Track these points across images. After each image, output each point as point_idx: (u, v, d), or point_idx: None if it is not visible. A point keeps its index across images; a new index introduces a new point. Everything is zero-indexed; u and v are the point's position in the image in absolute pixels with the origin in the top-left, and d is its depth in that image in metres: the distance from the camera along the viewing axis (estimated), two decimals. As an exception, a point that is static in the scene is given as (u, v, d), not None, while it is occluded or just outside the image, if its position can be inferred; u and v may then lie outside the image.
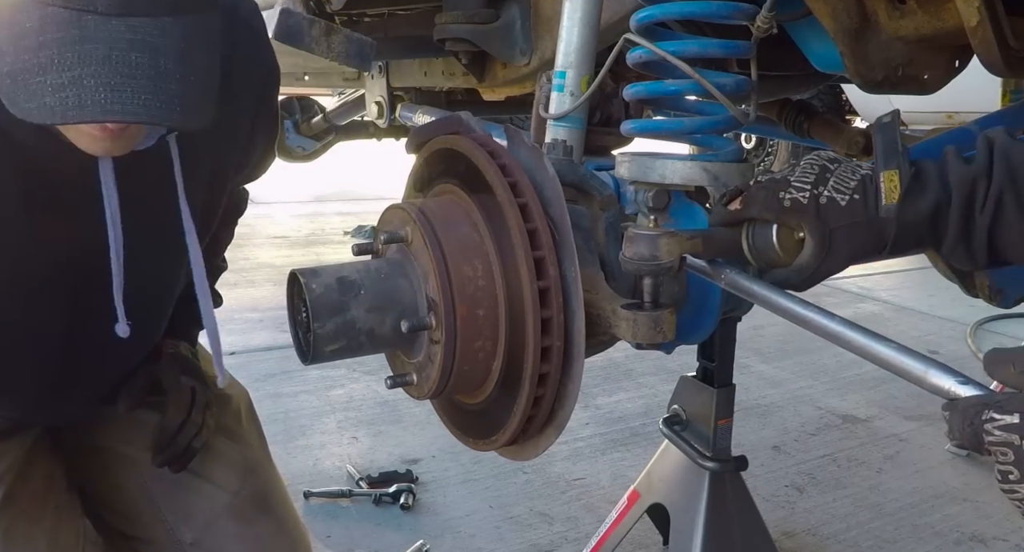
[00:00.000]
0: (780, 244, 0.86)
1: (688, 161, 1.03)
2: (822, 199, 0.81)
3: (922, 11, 0.97)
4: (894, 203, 0.79)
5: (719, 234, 0.90)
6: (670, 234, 0.85)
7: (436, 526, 2.22)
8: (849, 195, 0.81)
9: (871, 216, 0.80)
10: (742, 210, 0.87)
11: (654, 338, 0.84)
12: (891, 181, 0.79)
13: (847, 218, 0.80)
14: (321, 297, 0.87)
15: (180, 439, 1.21)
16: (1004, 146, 0.77)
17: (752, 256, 0.89)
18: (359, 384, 3.18)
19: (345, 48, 1.71)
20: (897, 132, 0.82)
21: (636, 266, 0.85)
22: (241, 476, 1.28)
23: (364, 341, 0.89)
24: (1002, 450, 0.57)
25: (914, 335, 4.05)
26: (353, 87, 3.51)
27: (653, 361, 3.44)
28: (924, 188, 0.79)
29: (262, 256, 5.34)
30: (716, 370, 1.63)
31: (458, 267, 0.86)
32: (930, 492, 2.50)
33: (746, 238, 0.88)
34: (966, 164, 0.78)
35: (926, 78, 1.08)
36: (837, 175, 0.82)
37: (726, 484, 1.62)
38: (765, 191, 0.85)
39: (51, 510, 1.15)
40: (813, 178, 0.82)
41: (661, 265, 0.84)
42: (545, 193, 0.88)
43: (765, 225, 0.87)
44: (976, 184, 0.77)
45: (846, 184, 0.82)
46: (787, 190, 0.83)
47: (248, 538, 1.26)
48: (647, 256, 0.84)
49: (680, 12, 0.99)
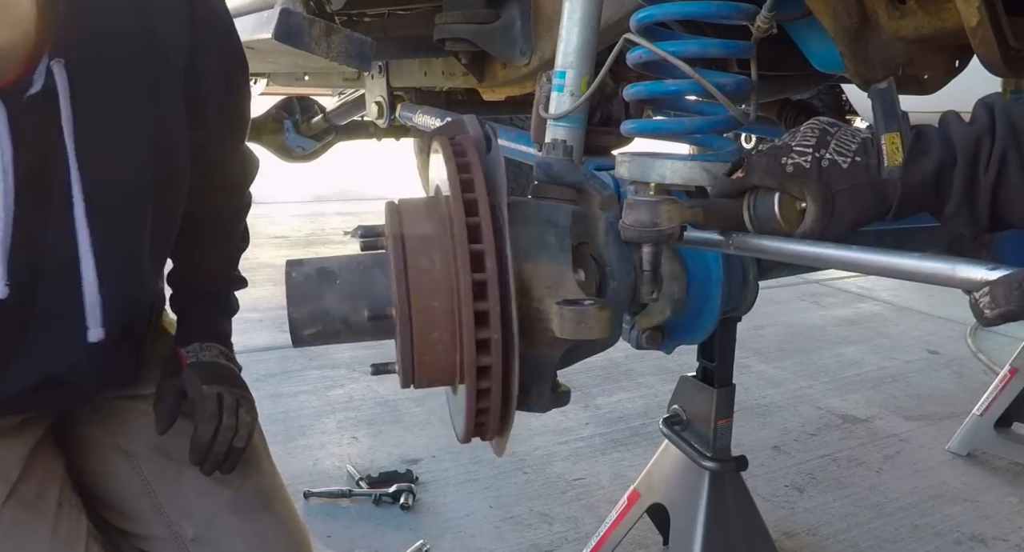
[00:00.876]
0: (782, 213, 0.85)
1: (688, 161, 1.03)
2: (824, 162, 0.80)
3: (922, 11, 0.97)
4: (897, 165, 0.78)
5: (721, 204, 0.89)
6: (671, 201, 0.84)
7: (436, 526, 2.22)
8: (851, 157, 0.80)
9: (874, 178, 0.79)
10: (744, 178, 0.87)
11: (579, 333, 0.83)
12: (892, 143, 0.79)
13: (849, 180, 0.80)
14: (299, 284, 0.94)
15: (217, 447, 1.22)
16: (1004, 107, 0.77)
17: (754, 227, 0.88)
18: (359, 384, 3.18)
19: (345, 48, 1.71)
20: (895, 97, 0.81)
21: (636, 233, 0.84)
22: (242, 473, 1.28)
23: (340, 328, 0.94)
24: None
25: (914, 335, 4.05)
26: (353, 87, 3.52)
27: (653, 361, 3.44)
28: (927, 149, 0.78)
29: (262, 256, 5.34)
30: (716, 370, 1.63)
31: (416, 259, 0.88)
32: (930, 492, 2.50)
33: (747, 208, 0.88)
34: (968, 125, 0.78)
35: (926, 78, 1.08)
36: (838, 138, 0.82)
37: (726, 484, 1.62)
38: (767, 157, 0.84)
39: (54, 507, 1.16)
40: (814, 141, 0.82)
41: (662, 232, 0.83)
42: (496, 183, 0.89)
43: (767, 194, 0.86)
44: (980, 143, 0.76)
45: (847, 147, 0.81)
46: (789, 155, 0.82)
47: (250, 534, 1.26)
48: (647, 223, 0.83)
49: (680, 12, 0.99)
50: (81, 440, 1.30)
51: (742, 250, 0.88)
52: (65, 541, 1.14)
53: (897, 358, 3.70)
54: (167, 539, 1.26)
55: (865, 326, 4.20)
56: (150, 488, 1.27)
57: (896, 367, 3.56)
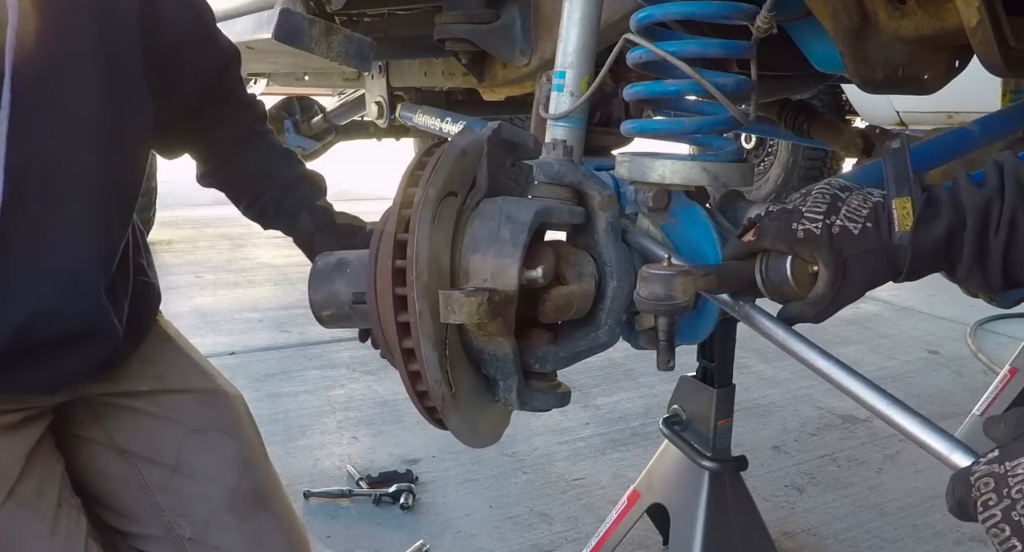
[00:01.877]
0: (794, 277, 0.86)
1: (688, 161, 1.03)
2: (835, 228, 0.81)
3: (922, 11, 0.97)
4: (907, 230, 0.79)
5: (733, 269, 0.90)
6: (684, 273, 0.85)
7: (436, 526, 2.22)
8: (862, 223, 0.81)
9: (885, 243, 0.80)
10: (755, 242, 0.88)
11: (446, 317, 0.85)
12: (903, 208, 0.80)
13: (860, 246, 0.81)
14: (319, 271, 1.08)
15: None
16: (1013, 167, 0.78)
17: (766, 290, 0.89)
18: (359, 384, 3.18)
19: (345, 48, 1.71)
20: (908, 159, 0.82)
21: (652, 306, 0.85)
22: (239, 472, 1.28)
23: (349, 312, 1.05)
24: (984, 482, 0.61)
25: (914, 335, 4.05)
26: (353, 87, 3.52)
27: (653, 361, 3.43)
28: (937, 213, 0.79)
29: (262, 256, 5.34)
30: (716, 370, 1.63)
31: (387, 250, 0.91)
32: (930, 492, 2.49)
33: (760, 271, 0.89)
34: (978, 188, 0.79)
35: (926, 78, 1.08)
36: (849, 204, 0.83)
37: (726, 484, 1.62)
38: (777, 222, 0.85)
39: (53, 507, 1.16)
40: (825, 207, 0.83)
41: (677, 305, 0.84)
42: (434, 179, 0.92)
43: (779, 258, 0.87)
44: (990, 206, 0.77)
45: (858, 213, 0.82)
46: (800, 221, 0.83)
47: (247, 533, 1.26)
48: (662, 296, 0.84)
49: (680, 12, 0.99)
50: (79, 440, 1.30)
51: (747, 322, 0.90)
52: (64, 541, 1.14)
53: (897, 358, 3.70)
54: (165, 538, 1.26)
55: (865, 326, 4.20)
56: (147, 488, 1.27)
57: (896, 367, 3.56)
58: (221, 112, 1.38)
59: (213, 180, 1.44)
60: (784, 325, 0.87)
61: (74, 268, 1.10)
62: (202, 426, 1.29)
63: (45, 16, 1.02)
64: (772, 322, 0.87)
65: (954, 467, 0.67)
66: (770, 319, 0.88)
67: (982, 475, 0.60)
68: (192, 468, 1.25)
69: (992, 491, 0.59)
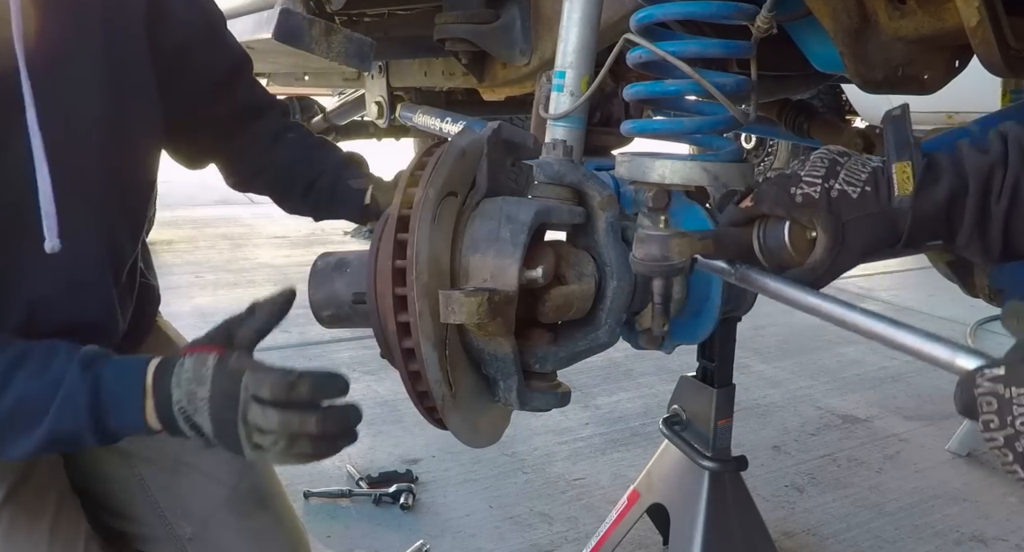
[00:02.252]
0: (792, 243, 0.84)
1: (688, 161, 1.03)
2: (833, 192, 0.80)
3: (922, 11, 0.97)
4: (907, 194, 0.78)
5: (731, 234, 0.89)
6: (681, 235, 0.84)
7: (436, 526, 2.22)
8: (861, 187, 0.80)
9: (884, 208, 0.79)
10: (753, 207, 0.86)
11: (446, 317, 0.85)
12: (903, 172, 0.78)
13: (859, 210, 0.79)
14: (319, 271, 1.06)
15: None
16: (1018, 136, 0.77)
17: (764, 256, 0.88)
18: (359, 384, 3.18)
19: (345, 48, 1.71)
20: (908, 125, 0.81)
21: (647, 267, 0.85)
22: (238, 471, 1.28)
23: (350, 313, 1.03)
24: (988, 399, 0.59)
25: (914, 335, 4.05)
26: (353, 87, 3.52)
27: (653, 361, 3.44)
28: (938, 178, 0.78)
29: (262, 256, 5.34)
30: (716, 370, 1.63)
31: (387, 250, 0.91)
32: (930, 492, 2.50)
33: (757, 238, 0.88)
34: (981, 153, 0.77)
35: (926, 78, 1.08)
36: (848, 168, 0.81)
37: (726, 484, 1.62)
38: (775, 187, 0.84)
39: (52, 507, 1.16)
40: (823, 172, 0.82)
41: (673, 266, 0.84)
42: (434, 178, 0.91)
43: (776, 224, 0.86)
44: (993, 172, 0.76)
45: (857, 176, 0.81)
46: (798, 185, 0.82)
47: (247, 532, 1.26)
48: (658, 257, 0.84)
49: (680, 12, 0.99)
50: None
51: (745, 283, 0.88)
52: (64, 542, 1.14)
53: (897, 358, 3.70)
54: (165, 539, 1.26)
55: (865, 326, 4.20)
56: (147, 488, 1.27)
57: (896, 367, 3.56)
58: (242, 117, 1.35)
59: (251, 185, 1.42)
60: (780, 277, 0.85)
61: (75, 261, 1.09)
62: None
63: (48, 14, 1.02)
64: (770, 277, 0.85)
65: (960, 371, 0.65)
66: (767, 275, 0.86)
67: (986, 393, 0.59)
68: (192, 468, 1.25)
69: (995, 413, 0.58)
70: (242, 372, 0.90)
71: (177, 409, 0.92)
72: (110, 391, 0.93)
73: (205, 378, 0.91)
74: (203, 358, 0.92)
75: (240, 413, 0.89)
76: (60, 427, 0.92)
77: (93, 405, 0.91)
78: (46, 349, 0.96)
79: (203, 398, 0.91)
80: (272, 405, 0.88)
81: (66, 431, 0.92)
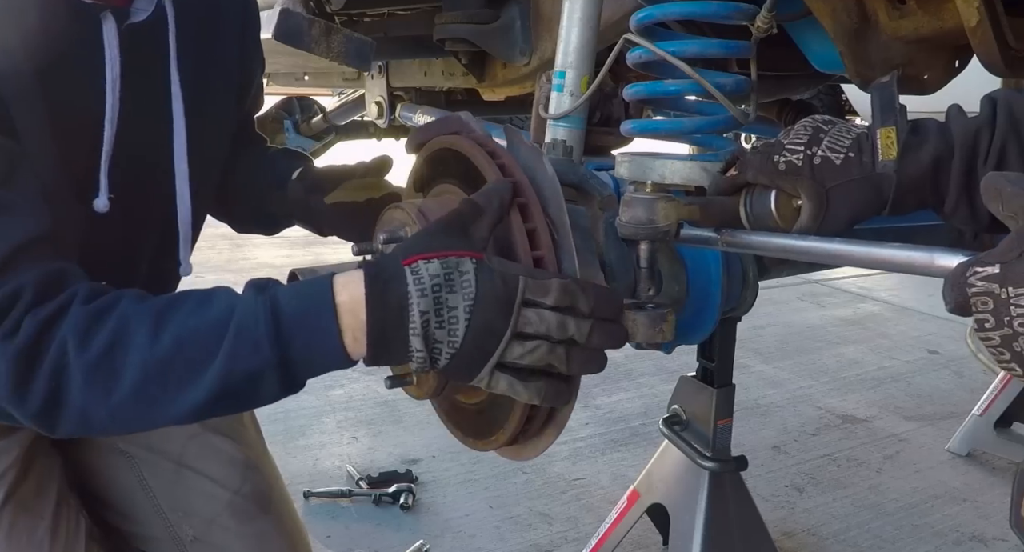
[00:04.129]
0: (778, 211, 0.84)
1: (688, 161, 1.03)
2: (816, 159, 0.80)
3: (922, 11, 0.97)
4: (891, 159, 0.77)
5: (717, 202, 0.89)
6: (668, 198, 0.84)
7: (436, 526, 2.22)
8: (844, 153, 0.79)
9: (867, 173, 0.78)
10: (738, 176, 0.86)
11: (653, 338, 0.84)
12: (888, 137, 0.78)
13: (842, 176, 0.79)
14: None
15: None
16: (1007, 98, 0.76)
17: (750, 224, 0.88)
18: (359, 384, 3.18)
19: (345, 48, 1.71)
20: (895, 92, 0.80)
21: (633, 230, 0.84)
22: (242, 474, 1.28)
23: None
24: (983, 299, 0.56)
25: (914, 335, 4.05)
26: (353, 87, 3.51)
27: (653, 361, 3.44)
28: (923, 141, 0.77)
29: (262, 256, 5.34)
30: (716, 370, 1.63)
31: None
32: (930, 492, 2.50)
33: (744, 206, 0.88)
34: (967, 118, 0.77)
35: (926, 78, 1.08)
36: (831, 135, 0.81)
37: (726, 484, 1.62)
38: (760, 155, 0.84)
39: (52, 507, 1.16)
40: (806, 139, 0.81)
41: (658, 229, 0.83)
42: (544, 193, 0.88)
43: (763, 192, 0.86)
44: (979, 135, 0.75)
45: (840, 143, 0.80)
46: (781, 153, 0.82)
47: (249, 536, 1.26)
48: (644, 220, 0.83)
49: (680, 12, 0.99)
50: (80, 441, 1.30)
51: (731, 246, 0.88)
52: (64, 541, 1.14)
53: (897, 358, 3.70)
54: (166, 539, 1.26)
55: (865, 326, 4.20)
56: (148, 488, 1.27)
57: (896, 367, 3.56)
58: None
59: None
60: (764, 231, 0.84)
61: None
62: (204, 427, 1.29)
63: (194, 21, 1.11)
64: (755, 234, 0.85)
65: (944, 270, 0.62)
66: (751, 233, 0.86)
67: (980, 292, 0.57)
68: (194, 470, 1.25)
69: (990, 313, 0.56)
70: (517, 276, 0.76)
71: (419, 321, 0.74)
72: (296, 313, 0.75)
73: (466, 282, 0.76)
74: (452, 264, 0.76)
75: (512, 320, 0.75)
76: (235, 369, 0.74)
77: (276, 333, 0.74)
78: (200, 291, 0.80)
79: (463, 305, 0.75)
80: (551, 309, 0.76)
81: (243, 374, 0.74)
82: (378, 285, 0.75)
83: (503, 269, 0.77)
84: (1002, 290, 0.55)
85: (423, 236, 0.80)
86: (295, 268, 0.90)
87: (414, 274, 0.75)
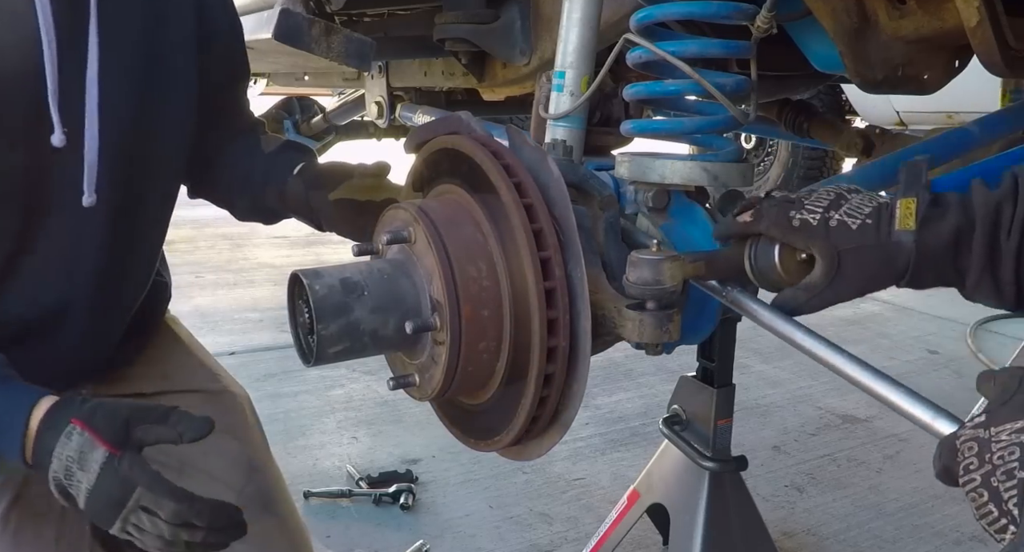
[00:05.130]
0: (782, 265, 0.85)
1: (688, 161, 1.03)
2: (832, 222, 0.80)
3: (922, 11, 0.97)
4: (908, 229, 0.76)
5: (722, 256, 0.90)
6: (673, 258, 0.84)
7: (436, 526, 2.22)
8: (861, 220, 0.79)
9: (883, 241, 0.78)
10: (751, 224, 0.87)
11: (660, 338, 0.84)
12: (907, 208, 0.77)
13: (856, 241, 0.79)
14: (325, 298, 0.86)
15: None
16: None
17: (755, 276, 0.89)
18: (359, 384, 3.18)
19: (345, 48, 1.71)
20: (925, 169, 0.80)
21: (640, 290, 0.85)
22: (245, 474, 1.28)
23: (368, 342, 0.88)
24: (969, 445, 0.60)
25: (914, 335, 4.05)
26: (353, 87, 3.51)
27: (653, 361, 3.44)
28: (944, 213, 0.76)
29: (262, 256, 5.34)
30: (716, 370, 1.63)
31: (463, 267, 0.86)
32: (930, 492, 2.50)
33: (749, 257, 0.88)
34: (990, 191, 0.76)
35: (926, 78, 1.08)
36: (852, 202, 0.81)
37: (726, 484, 1.62)
38: (777, 208, 0.84)
39: (58, 509, 1.15)
40: (827, 203, 0.82)
41: (665, 290, 0.84)
42: (550, 193, 0.88)
43: (768, 245, 0.86)
44: (1001, 208, 0.74)
45: (859, 210, 0.80)
46: (800, 211, 0.82)
47: (252, 536, 1.25)
48: (650, 281, 0.84)
49: (680, 12, 0.99)
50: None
51: (735, 307, 0.89)
52: (70, 544, 1.14)
53: (897, 358, 3.70)
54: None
55: (865, 326, 4.20)
56: None
57: (896, 367, 3.56)
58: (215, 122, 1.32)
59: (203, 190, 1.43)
60: (769, 306, 0.86)
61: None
62: None
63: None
64: (757, 304, 0.87)
65: (938, 435, 0.66)
66: (755, 301, 0.87)
67: (967, 439, 0.60)
68: (198, 470, 1.25)
69: (975, 456, 0.59)
70: (135, 486, 0.91)
71: (52, 474, 0.92)
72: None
73: (91, 470, 0.91)
74: (91, 447, 0.91)
75: (122, 516, 0.91)
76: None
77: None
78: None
79: (84, 486, 0.91)
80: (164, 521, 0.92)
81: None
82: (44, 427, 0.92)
83: (128, 474, 0.91)
84: (985, 432, 0.59)
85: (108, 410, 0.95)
86: (296, 269, 0.90)
87: (68, 439, 0.91)
